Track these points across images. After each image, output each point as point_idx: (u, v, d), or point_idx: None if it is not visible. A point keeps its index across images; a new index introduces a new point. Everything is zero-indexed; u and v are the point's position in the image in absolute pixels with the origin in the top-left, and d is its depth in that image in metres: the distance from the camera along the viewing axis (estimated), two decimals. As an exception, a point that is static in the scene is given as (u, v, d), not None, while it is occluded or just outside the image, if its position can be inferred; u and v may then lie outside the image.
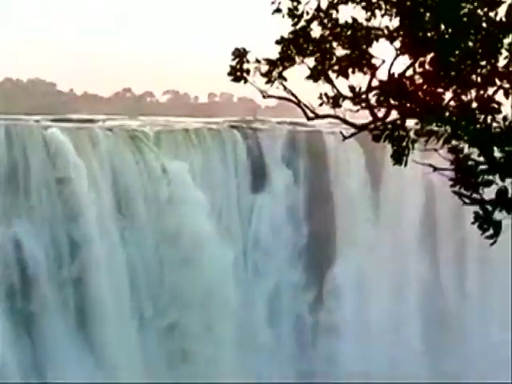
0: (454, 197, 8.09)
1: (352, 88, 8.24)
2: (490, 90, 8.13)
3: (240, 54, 8.31)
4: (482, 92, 8.05)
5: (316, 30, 8.42)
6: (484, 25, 8.09)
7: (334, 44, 8.29)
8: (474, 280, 39.13)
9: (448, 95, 8.13)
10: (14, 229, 27.32)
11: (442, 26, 8.05)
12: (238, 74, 8.37)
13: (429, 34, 8.11)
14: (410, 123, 8.36)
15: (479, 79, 8.09)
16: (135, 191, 30.37)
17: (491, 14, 8.09)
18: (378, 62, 8.43)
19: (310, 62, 8.43)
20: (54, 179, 28.23)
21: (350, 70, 8.19)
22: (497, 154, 8.04)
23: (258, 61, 8.39)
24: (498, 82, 8.07)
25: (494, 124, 8.00)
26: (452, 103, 8.11)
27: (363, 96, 8.26)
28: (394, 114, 8.33)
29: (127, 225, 29.99)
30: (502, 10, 8.11)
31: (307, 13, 8.42)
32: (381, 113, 8.32)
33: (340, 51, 8.31)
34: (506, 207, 7.72)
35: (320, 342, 35.83)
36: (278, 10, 8.33)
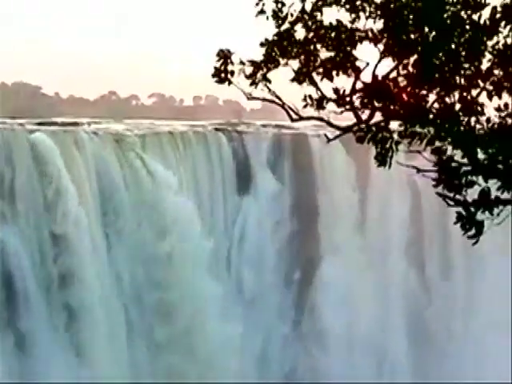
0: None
1: (336, 90, 8.26)
2: (474, 92, 8.18)
3: (224, 56, 8.31)
4: (465, 94, 8.09)
5: (300, 32, 8.44)
6: (468, 27, 8.13)
7: (319, 46, 8.31)
8: (460, 278, 39.20)
9: (432, 97, 8.18)
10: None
11: (426, 29, 8.09)
12: (222, 75, 8.38)
13: (412, 37, 8.15)
14: (394, 125, 8.40)
15: (463, 81, 8.13)
16: (122, 199, 30.23)
17: (475, 17, 8.13)
18: (362, 65, 8.46)
19: (295, 64, 8.45)
20: (39, 187, 28.09)
21: (334, 73, 8.21)
22: (480, 155, 8.09)
23: (242, 62, 8.40)
24: (481, 83, 8.12)
25: (478, 126, 8.05)
26: (436, 105, 8.15)
27: (347, 98, 8.29)
28: (378, 116, 8.36)
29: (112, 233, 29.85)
30: (485, 13, 8.16)
31: (291, 15, 8.43)
32: (365, 115, 8.35)
33: (324, 53, 8.34)
34: (489, 208, 7.76)
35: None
36: (262, 12, 8.34)
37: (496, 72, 8.19)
